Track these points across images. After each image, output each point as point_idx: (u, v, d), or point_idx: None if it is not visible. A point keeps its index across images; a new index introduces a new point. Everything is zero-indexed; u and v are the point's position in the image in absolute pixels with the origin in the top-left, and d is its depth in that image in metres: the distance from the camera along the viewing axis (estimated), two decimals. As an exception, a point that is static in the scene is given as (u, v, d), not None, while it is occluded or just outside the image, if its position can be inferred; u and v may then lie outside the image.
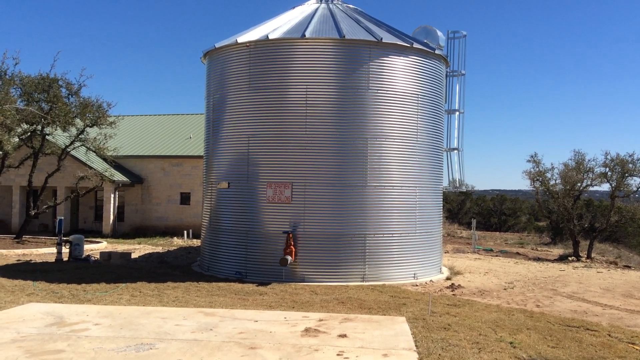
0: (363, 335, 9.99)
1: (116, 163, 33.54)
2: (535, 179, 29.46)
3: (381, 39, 16.99)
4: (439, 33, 19.67)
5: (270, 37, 17.13)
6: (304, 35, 16.83)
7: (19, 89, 25.13)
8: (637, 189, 27.76)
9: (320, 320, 11.13)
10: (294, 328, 10.38)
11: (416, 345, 9.41)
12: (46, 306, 11.85)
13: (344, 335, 9.89)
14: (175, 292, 14.42)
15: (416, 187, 17.78)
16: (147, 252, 24.88)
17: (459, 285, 17.17)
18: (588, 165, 28.22)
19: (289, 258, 16.37)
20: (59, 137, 29.29)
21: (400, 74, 17.43)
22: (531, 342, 10.36)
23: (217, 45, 18.32)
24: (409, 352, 8.97)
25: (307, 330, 10.23)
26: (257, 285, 15.85)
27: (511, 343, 10.14)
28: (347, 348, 9.10)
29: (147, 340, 9.29)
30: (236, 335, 9.74)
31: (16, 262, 20.29)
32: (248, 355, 8.61)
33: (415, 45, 17.71)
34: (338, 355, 8.74)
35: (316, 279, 16.52)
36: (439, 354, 9.05)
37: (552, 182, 29.22)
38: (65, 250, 21.26)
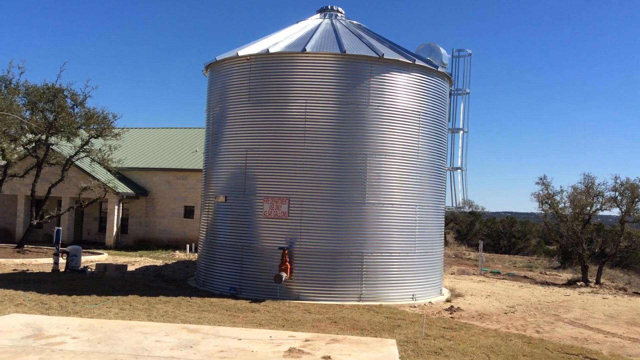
0: (348, 357, 9.62)
1: (121, 175, 33.49)
2: (543, 202, 28.95)
3: (382, 55, 16.77)
4: (443, 51, 19.41)
5: (271, 50, 16.96)
6: (304, 49, 16.65)
7: (24, 98, 25.18)
8: (648, 214, 27.11)
9: (307, 340, 10.77)
10: (278, 348, 10.03)
11: (401, 370, 9.03)
12: (28, 317, 11.59)
13: (327, 357, 9.52)
14: (166, 307, 14.12)
15: (416, 205, 17.41)
16: (146, 264, 24.63)
17: (458, 307, 16.70)
18: (597, 189, 27.70)
19: (284, 275, 16.02)
20: (64, 147, 29.30)
21: (401, 91, 17.17)
22: (525, 370, 9.93)
23: (218, 57, 18.19)
24: (392, 377, 8.58)
25: (290, 350, 9.87)
26: (250, 302, 15.51)
27: (503, 370, 9.72)
28: (328, 371, 8.73)
29: (122, 356, 8.98)
30: (215, 354, 9.40)
31: (12, 271, 20.14)
32: (223, 375, 8.27)
33: (418, 62, 17.46)
34: (318, 378, 8.38)
35: (311, 297, 16.15)
36: (424, 380, 8.66)
37: (561, 206, 28.69)
38: (63, 261, 21.07)
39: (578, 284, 26.03)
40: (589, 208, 28.04)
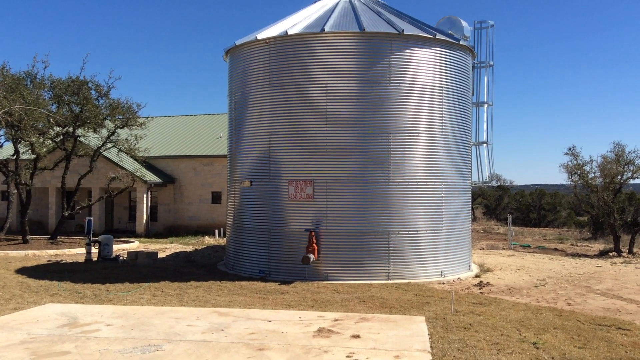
0: (377, 335, 9.67)
1: (148, 163, 33.88)
2: (573, 173, 28.53)
3: (402, 30, 16.57)
4: (464, 23, 19.09)
5: (290, 32, 16.88)
6: (323, 29, 16.53)
7: (50, 92, 25.55)
8: (681, 181, 26.56)
9: (336, 320, 10.85)
10: (307, 328, 10.13)
11: (431, 347, 9.05)
12: (63, 307, 11.88)
13: (357, 336, 9.59)
14: (197, 292, 14.34)
15: (442, 182, 17.30)
16: (176, 251, 25.00)
17: (487, 282, 16.63)
18: (628, 158, 27.19)
19: (311, 256, 16.12)
20: (91, 138, 29.73)
21: (423, 66, 16.97)
22: (557, 342, 9.87)
23: (238, 42, 18.18)
24: (422, 354, 8.62)
25: (320, 330, 9.96)
26: (279, 284, 15.66)
27: (534, 344, 9.68)
28: (358, 349, 8.80)
29: (155, 341, 9.17)
30: (246, 336, 9.54)
31: (47, 262, 20.60)
32: (254, 357, 8.39)
33: (439, 36, 17.21)
34: (348, 357, 8.46)
35: (339, 277, 16.22)
36: (454, 356, 8.67)
37: (590, 176, 28.24)
38: (95, 250, 21.48)
39: (610, 254, 25.70)
40: (619, 177, 27.59)
